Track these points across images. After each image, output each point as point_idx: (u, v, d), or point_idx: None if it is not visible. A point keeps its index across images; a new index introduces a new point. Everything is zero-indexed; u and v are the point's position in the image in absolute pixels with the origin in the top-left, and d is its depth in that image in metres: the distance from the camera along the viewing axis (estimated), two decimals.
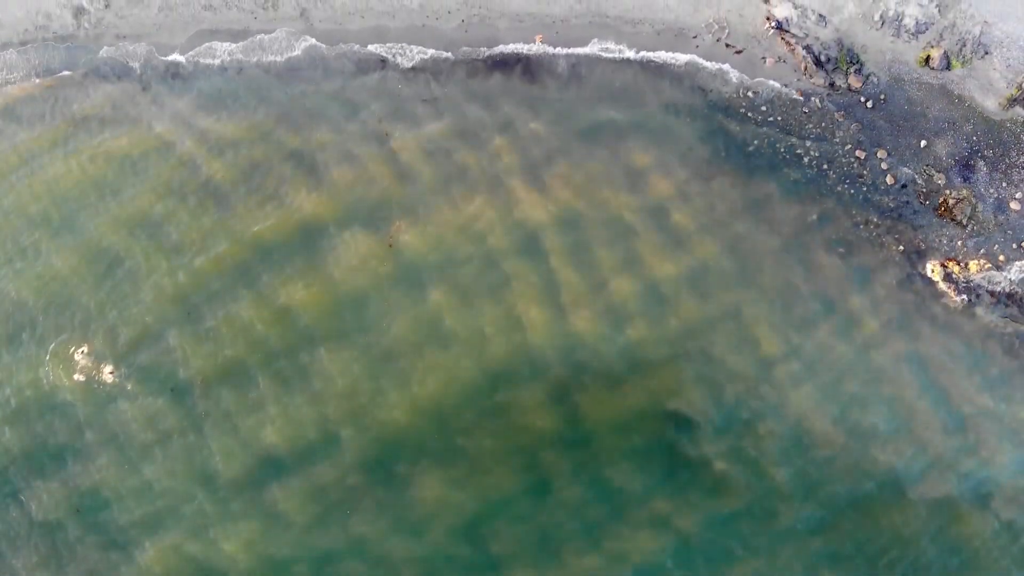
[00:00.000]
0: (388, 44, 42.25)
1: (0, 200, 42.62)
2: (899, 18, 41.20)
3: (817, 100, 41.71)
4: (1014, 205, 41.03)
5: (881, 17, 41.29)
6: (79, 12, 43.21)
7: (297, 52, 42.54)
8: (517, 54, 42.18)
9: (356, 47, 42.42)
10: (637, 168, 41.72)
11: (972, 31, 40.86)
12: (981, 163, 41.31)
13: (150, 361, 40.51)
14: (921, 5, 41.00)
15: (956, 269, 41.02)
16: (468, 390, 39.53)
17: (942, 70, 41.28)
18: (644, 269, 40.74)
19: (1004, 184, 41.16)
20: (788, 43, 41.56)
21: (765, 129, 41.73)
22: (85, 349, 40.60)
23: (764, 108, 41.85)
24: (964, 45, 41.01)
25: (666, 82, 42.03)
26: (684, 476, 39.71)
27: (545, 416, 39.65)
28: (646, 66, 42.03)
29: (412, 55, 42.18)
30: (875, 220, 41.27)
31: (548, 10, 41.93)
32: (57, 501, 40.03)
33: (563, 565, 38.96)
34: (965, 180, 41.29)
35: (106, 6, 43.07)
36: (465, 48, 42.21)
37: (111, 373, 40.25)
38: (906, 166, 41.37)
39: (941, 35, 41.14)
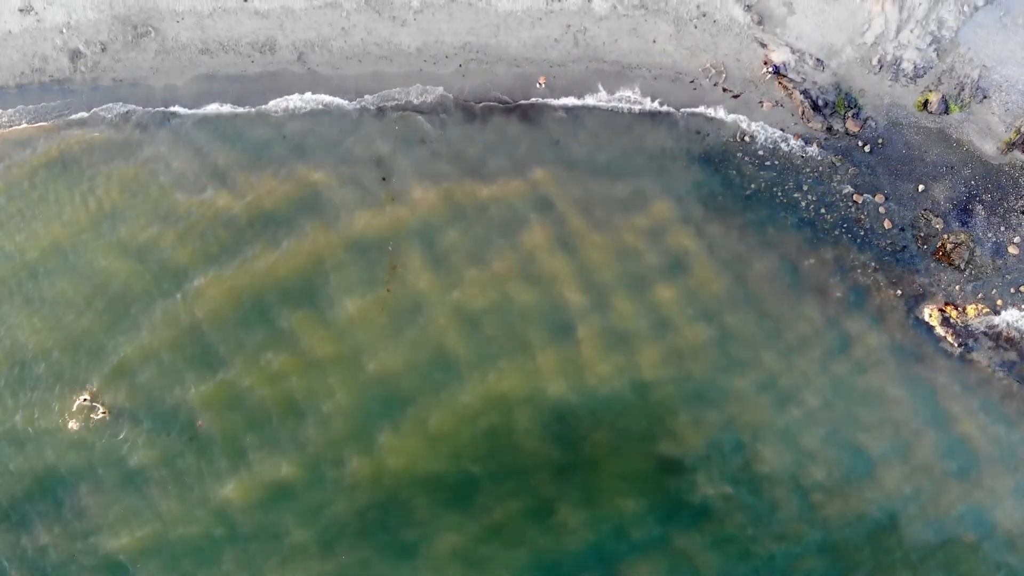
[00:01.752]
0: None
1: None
2: (897, 62, 41.06)
3: (815, 144, 41.63)
4: (1012, 249, 40.98)
5: (879, 61, 41.15)
6: (75, 56, 43.13)
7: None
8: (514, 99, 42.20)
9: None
10: (632, 212, 41.70)
11: (971, 75, 40.72)
12: (979, 207, 41.25)
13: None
14: (919, 49, 40.86)
15: (954, 314, 41.00)
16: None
17: (940, 114, 41.16)
18: (640, 322, 41.00)
19: (1002, 228, 41.10)
20: (786, 87, 41.44)
21: (762, 173, 41.67)
22: (87, 396, 41.01)
23: (761, 152, 41.78)
24: (963, 89, 40.88)
25: (663, 126, 41.95)
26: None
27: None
28: (643, 110, 41.97)
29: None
30: (872, 264, 41.27)
31: (546, 55, 41.80)
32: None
33: None
34: (963, 224, 41.24)
35: (103, 50, 42.98)
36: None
37: (103, 412, 40.78)
38: (904, 210, 41.33)
39: (939, 79, 41.01)
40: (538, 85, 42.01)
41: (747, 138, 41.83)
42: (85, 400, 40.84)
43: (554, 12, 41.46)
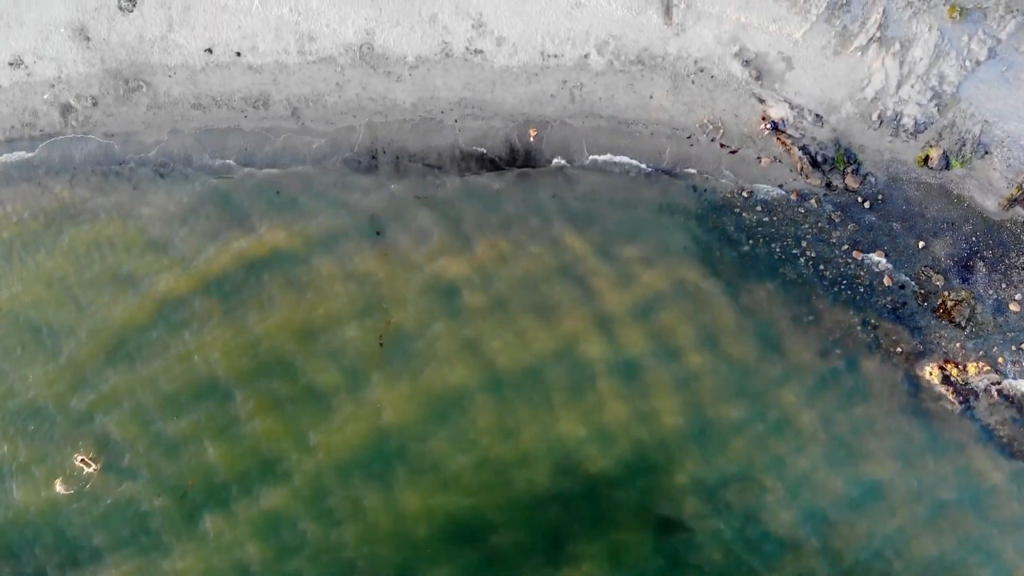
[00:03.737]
0: None
1: None
2: (897, 118, 40.55)
3: (814, 200, 41.17)
4: (1014, 307, 40.59)
5: (879, 117, 40.63)
6: (67, 110, 42.63)
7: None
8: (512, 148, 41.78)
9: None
10: (629, 266, 41.28)
11: (972, 131, 40.23)
12: (980, 264, 40.83)
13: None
14: (920, 104, 40.33)
15: (954, 371, 40.62)
16: None
17: (941, 170, 40.70)
18: (637, 385, 40.61)
19: (1003, 285, 40.70)
20: (784, 143, 40.95)
21: (760, 229, 41.24)
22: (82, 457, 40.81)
23: (759, 208, 41.33)
24: (964, 145, 40.40)
25: (660, 181, 41.48)
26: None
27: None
28: (640, 165, 41.56)
29: None
30: (872, 321, 40.89)
31: (542, 110, 41.31)
32: None
33: None
34: (964, 281, 40.82)
35: (94, 104, 42.48)
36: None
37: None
38: (904, 267, 40.92)
39: (940, 135, 40.52)
40: (530, 138, 41.55)
41: (745, 194, 41.38)
42: (80, 460, 40.62)
43: (550, 68, 40.95)
